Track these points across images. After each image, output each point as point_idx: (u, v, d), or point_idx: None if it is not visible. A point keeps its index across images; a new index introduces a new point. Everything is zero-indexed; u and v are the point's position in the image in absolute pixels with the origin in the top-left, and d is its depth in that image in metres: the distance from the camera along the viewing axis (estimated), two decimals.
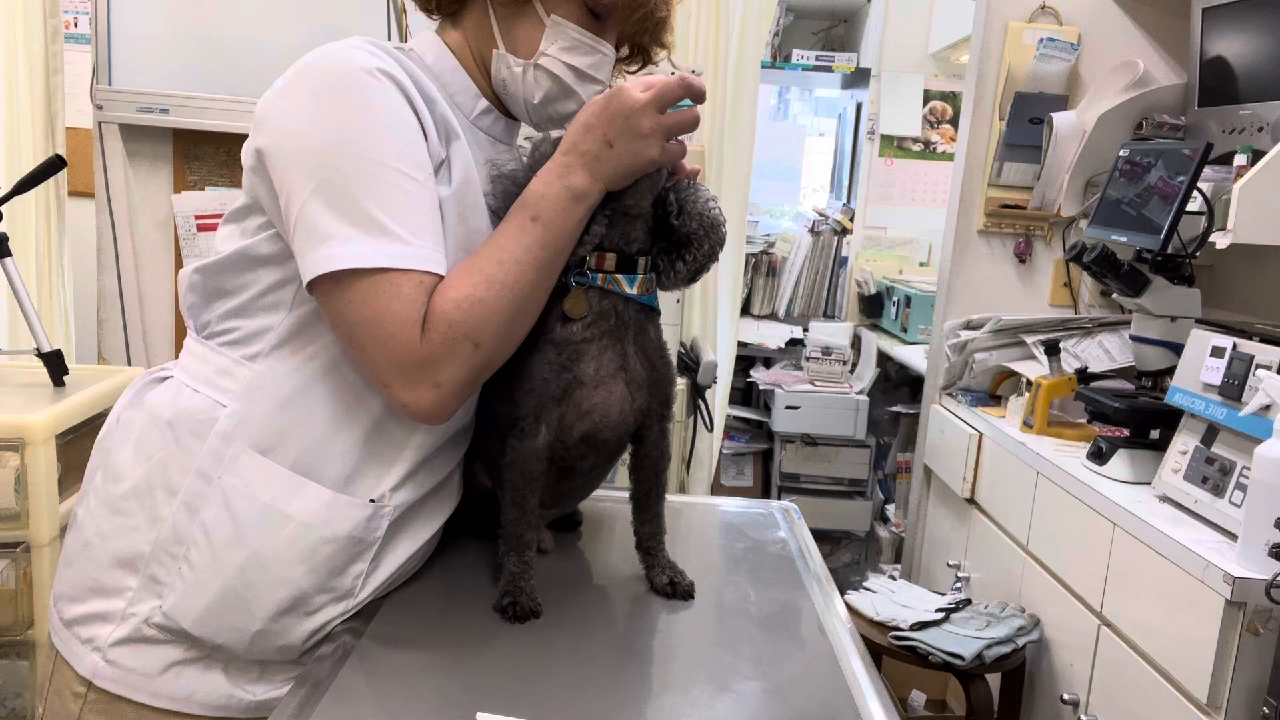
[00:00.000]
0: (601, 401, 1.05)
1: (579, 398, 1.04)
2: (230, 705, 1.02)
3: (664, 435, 1.12)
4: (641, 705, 0.92)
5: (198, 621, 0.99)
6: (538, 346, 1.03)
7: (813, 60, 3.90)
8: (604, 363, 1.04)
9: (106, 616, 1.01)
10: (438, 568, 1.17)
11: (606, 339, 1.04)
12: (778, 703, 0.93)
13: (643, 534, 1.15)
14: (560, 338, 1.03)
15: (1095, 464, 1.97)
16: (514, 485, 1.05)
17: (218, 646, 1.00)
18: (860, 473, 3.64)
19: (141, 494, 1.01)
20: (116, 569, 1.01)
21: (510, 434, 1.06)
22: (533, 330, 1.03)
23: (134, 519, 1.01)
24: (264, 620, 0.99)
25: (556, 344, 1.03)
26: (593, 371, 1.04)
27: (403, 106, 0.96)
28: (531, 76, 1.08)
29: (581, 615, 1.08)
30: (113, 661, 1.00)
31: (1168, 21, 2.48)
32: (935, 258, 3.71)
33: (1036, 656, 2.06)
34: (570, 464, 1.10)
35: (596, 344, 1.04)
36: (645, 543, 1.15)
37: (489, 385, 1.15)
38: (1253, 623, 1.45)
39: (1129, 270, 2.05)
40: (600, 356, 1.04)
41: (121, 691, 1.00)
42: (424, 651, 0.99)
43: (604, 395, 1.05)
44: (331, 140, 0.93)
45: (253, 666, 1.02)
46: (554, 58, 1.07)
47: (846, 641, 1.05)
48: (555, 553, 1.24)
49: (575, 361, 1.03)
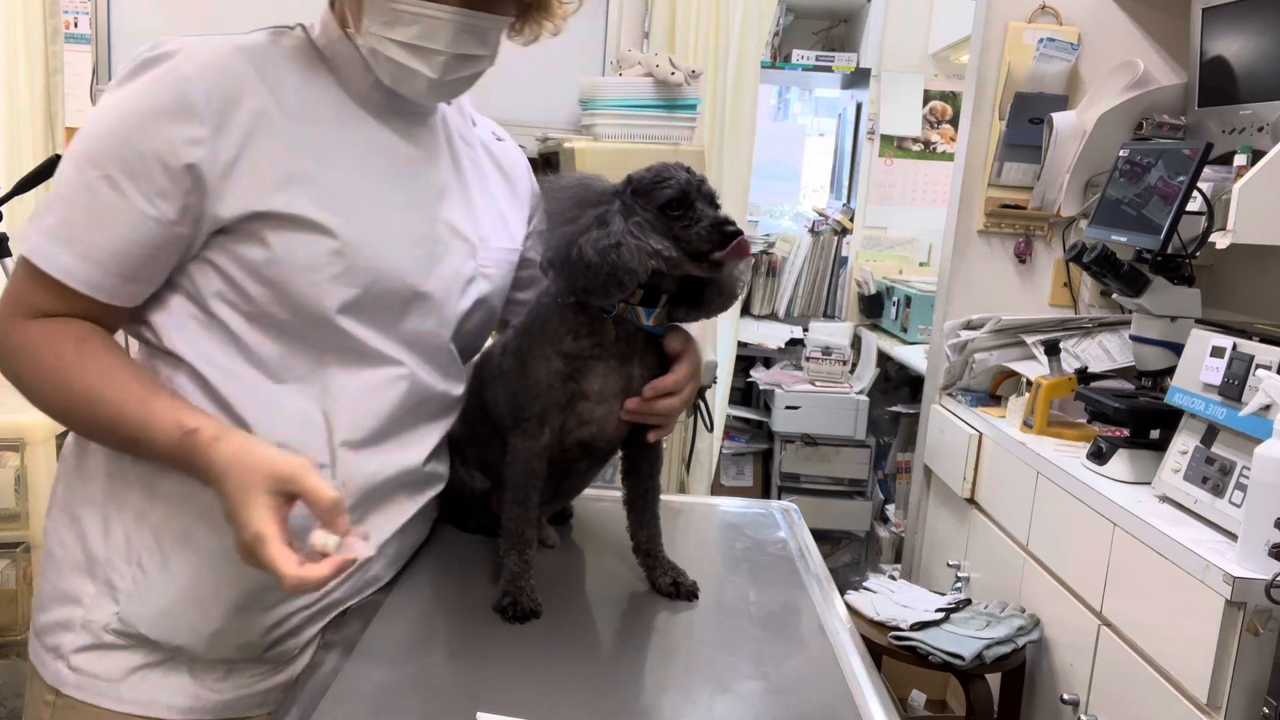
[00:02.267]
0: (602, 416, 1.08)
1: (582, 409, 1.07)
2: (198, 707, 1.02)
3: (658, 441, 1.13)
4: (641, 705, 0.92)
5: (154, 624, 0.99)
6: (546, 354, 1.05)
7: (813, 60, 3.90)
8: (609, 382, 1.07)
9: (69, 624, 1.01)
10: (438, 568, 1.17)
11: (614, 360, 1.07)
12: (778, 703, 0.93)
13: (641, 537, 1.15)
14: (571, 350, 1.05)
15: (1095, 464, 1.97)
16: (516, 483, 1.07)
17: (177, 648, 1.00)
18: (860, 473, 3.64)
19: (96, 502, 1.02)
20: (76, 577, 1.01)
21: (513, 433, 1.07)
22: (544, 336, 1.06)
23: (91, 526, 1.01)
24: (220, 619, 0.99)
25: (566, 355, 1.05)
26: (597, 388, 1.06)
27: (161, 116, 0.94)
28: (372, 56, 1.02)
29: (581, 615, 1.08)
30: (77, 668, 1.00)
31: (1168, 21, 2.48)
32: (935, 258, 3.71)
33: (1036, 656, 2.06)
34: (566, 465, 1.11)
35: (604, 363, 1.06)
36: (644, 545, 1.15)
37: (488, 390, 1.15)
38: (1253, 623, 1.45)
39: (1129, 270, 2.05)
40: (606, 376, 1.06)
41: (87, 698, 1.00)
42: (424, 651, 0.99)
43: (604, 411, 1.08)
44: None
45: (217, 666, 1.02)
46: (378, 35, 1.00)
47: (846, 641, 1.05)
48: (554, 553, 1.24)
49: (582, 375, 1.06)
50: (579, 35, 3.06)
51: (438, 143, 1.13)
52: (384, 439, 1.06)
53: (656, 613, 1.10)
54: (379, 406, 1.05)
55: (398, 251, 1.03)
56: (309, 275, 0.98)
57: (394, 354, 1.05)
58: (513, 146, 1.29)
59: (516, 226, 1.23)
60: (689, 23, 3.01)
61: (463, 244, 1.11)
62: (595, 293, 1.01)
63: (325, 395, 1.02)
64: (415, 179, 1.08)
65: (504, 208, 1.21)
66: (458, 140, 1.16)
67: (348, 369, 1.03)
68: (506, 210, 1.22)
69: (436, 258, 1.08)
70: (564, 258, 1.00)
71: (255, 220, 0.97)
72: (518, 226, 1.24)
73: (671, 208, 1.02)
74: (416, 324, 1.07)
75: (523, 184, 1.27)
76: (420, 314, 1.07)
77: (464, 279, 1.11)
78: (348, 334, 1.01)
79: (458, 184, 1.14)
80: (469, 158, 1.18)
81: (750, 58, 3.10)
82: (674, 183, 1.02)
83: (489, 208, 1.18)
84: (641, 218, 1.02)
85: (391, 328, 1.05)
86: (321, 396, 1.02)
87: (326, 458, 1.02)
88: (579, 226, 1.01)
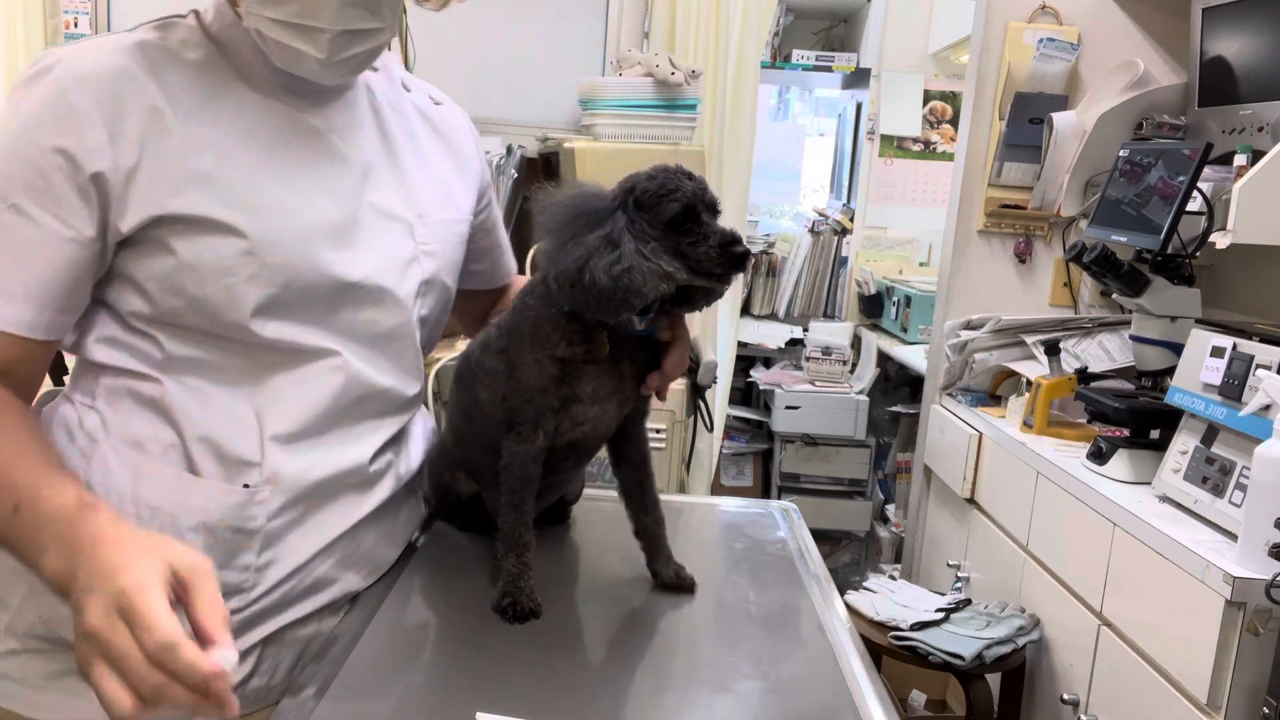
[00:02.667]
0: (594, 417, 1.08)
1: (575, 412, 1.07)
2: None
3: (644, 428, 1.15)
4: (641, 705, 0.92)
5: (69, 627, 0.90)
6: (538, 358, 1.05)
7: (813, 60, 3.90)
8: (602, 385, 1.07)
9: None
10: (437, 568, 1.17)
11: (606, 362, 1.06)
12: (778, 703, 0.93)
13: (646, 522, 1.14)
14: (565, 355, 1.05)
15: (1095, 464, 1.97)
16: (511, 487, 1.07)
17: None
18: (860, 473, 3.64)
19: None
20: (7, 579, 0.96)
21: (507, 437, 1.07)
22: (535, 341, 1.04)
23: None
24: None
25: (560, 360, 1.05)
26: (590, 391, 1.06)
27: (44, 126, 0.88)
28: (258, 37, 0.96)
29: (581, 615, 1.08)
30: (2, 674, 0.96)
31: (1168, 21, 2.48)
32: (935, 258, 3.71)
33: (1036, 656, 2.06)
34: (554, 463, 1.11)
35: (597, 367, 1.06)
36: (649, 529, 1.14)
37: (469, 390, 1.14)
38: (1253, 623, 1.45)
39: (1129, 270, 2.05)
40: (599, 379, 1.06)
41: (8, 704, 0.96)
42: (424, 651, 0.99)
43: (597, 412, 1.08)
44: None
45: None
46: (257, 14, 0.94)
47: (846, 641, 1.05)
48: (554, 553, 1.24)
49: (576, 379, 1.05)
50: (579, 35, 3.07)
51: (358, 117, 1.05)
52: (320, 434, 1.01)
53: (656, 613, 1.10)
54: (313, 400, 1.00)
55: (315, 243, 0.98)
56: (222, 280, 0.93)
57: (329, 345, 1.00)
58: (454, 110, 1.21)
59: (463, 195, 1.17)
60: (689, 23, 3.01)
61: (395, 224, 1.05)
62: (605, 314, 1.00)
63: (256, 393, 0.98)
64: (333, 161, 1.02)
65: (446, 176, 1.15)
66: (386, 110, 1.09)
67: (278, 366, 0.98)
68: (449, 178, 1.15)
69: (364, 244, 1.02)
70: (573, 280, 0.98)
71: (158, 227, 0.92)
72: (464, 195, 1.17)
73: (678, 223, 1.00)
74: (352, 315, 1.02)
75: (467, 148, 1.20)
76: (354, 304, 1.02)
77: (402, 261, 1.06)
78: (270, 336, 0.97)
79: (387, 159, 1.07)
80: (400, 127, 1.10)
81: (750, 58, 3.10)
82: (680, 196, 1.00)
83: (428, 179, 1.11)
84: (649, 235, 1.00)
85: (323, 320, 1.00)
86: (252, 395, 0.98)
87: (256, 454, 0.98)
88: (587, 248, 0.98)
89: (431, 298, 1.11)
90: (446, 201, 1.13)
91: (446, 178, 1.15)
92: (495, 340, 1.10)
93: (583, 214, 1.01)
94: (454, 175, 1.16)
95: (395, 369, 1.08)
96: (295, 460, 0.99)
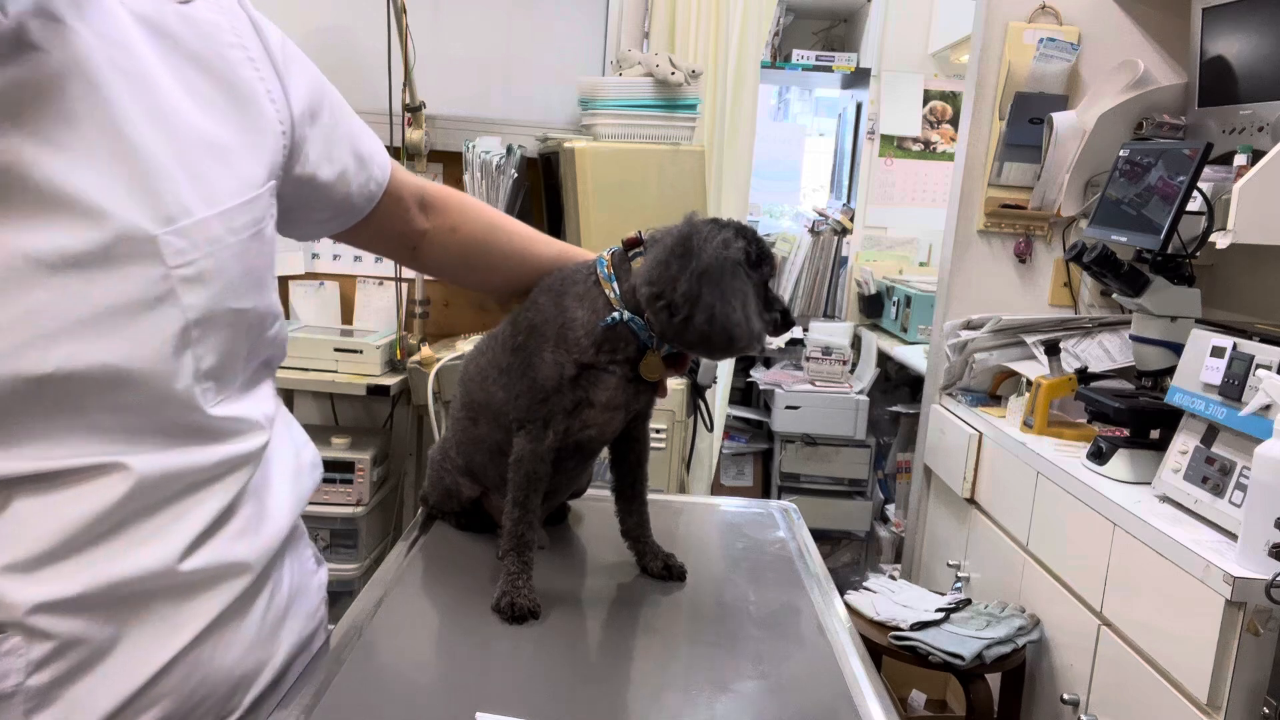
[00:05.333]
0: (604, 422, 1.10)
1: (586, 415, 1.08)
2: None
3: (646, 430, 1.18)
4: (641, 705, 0.92)
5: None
6: (560, 359, 1.05)
7: (813, 60, 3.90)
8: (615, 394, 1.08)
9: None
10: (437, 568, 1.17)
11: (621, 371, 1.08)
12: (778, 703, 0.93)
13: (630, 524, 1.18)
14: (587, 360, 1.06)
15: (1095, 464, 1.97)
16: (518, 485, 1.07)
17: None
18: (860, 473, 3.64)
19: None
20: None
21: (517, 435, 1.08)
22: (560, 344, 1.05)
23: None
24: None
25: (580, 364, 1.06)
26: (605, 399, 1.08)
27: None
28: None
29: (581, 615, 1.08)
30: None
31: (1168, 21, 2.48)
32: (935, 258, 3.71)
33: (1036, 656, 2.06)
34: (558, 463, 1.12)
35: (613, 376, 1.07)
36: (634, 531, 1.18)
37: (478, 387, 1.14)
38: (1253, 623, 1.45)
39: (1129, 270, 2.05)
40: (614, 388, 1.08)
41: None
42: (424, 651, 0.99)
43: (607, 418, 1.10)
44: None
45: None
46: None
47: (846, 641, 1.05)
48: (553, 553, 1.24)
49: (593, 385, 1.07)
50: (579, 35, 3.07)
51: (40, 80, 0.66)
52: (86, 548, 0.72)
53: (656, 612, 1.10)
54: (72, 518, 0.71)
55: None
56: None
57: (81, 463, 0.71)
58: (212, 5, 0.79)
59: (248, 158, 0.79)
60: (689, 23, 3.00)
61: (119, 255, 0.68)
62: (709, 354, 1.04)
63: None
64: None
65: (212, 131, 0.76)
66: (95, 51, 0.69)
67: (21, 495, 0.70)
68: (220, 132, 0.77)
69: (58, 310, 0.66)
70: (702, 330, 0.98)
71: None
72: (251, 156, 0.79)
73: (765, 285, 1.06)
74: (100, 416, 0.70)
75: (240, 66, 0.79)
76: (77, 400, 0.69)
77: (143, 306, 0.70)
78: None
79: (100, 136, 0.68)
80: (126, 72, 0.71)
81: (750, 58, 3.10)
82: (774, 261, 1.07)
83: (177, 152, 0.73)
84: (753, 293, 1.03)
85: (51, 436, 0.69)
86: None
87: None
88: (725, 300, 0.98)
89: (219, 334, 0.76)
90: (226, 173, 0.76)
91: (214, 132, 0.76)
92: (509, 335, 1.11)
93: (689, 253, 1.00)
94: (226, 121, 0.77)
95: (199, 439, 0.77)
96: (48, 586, 0.70)
